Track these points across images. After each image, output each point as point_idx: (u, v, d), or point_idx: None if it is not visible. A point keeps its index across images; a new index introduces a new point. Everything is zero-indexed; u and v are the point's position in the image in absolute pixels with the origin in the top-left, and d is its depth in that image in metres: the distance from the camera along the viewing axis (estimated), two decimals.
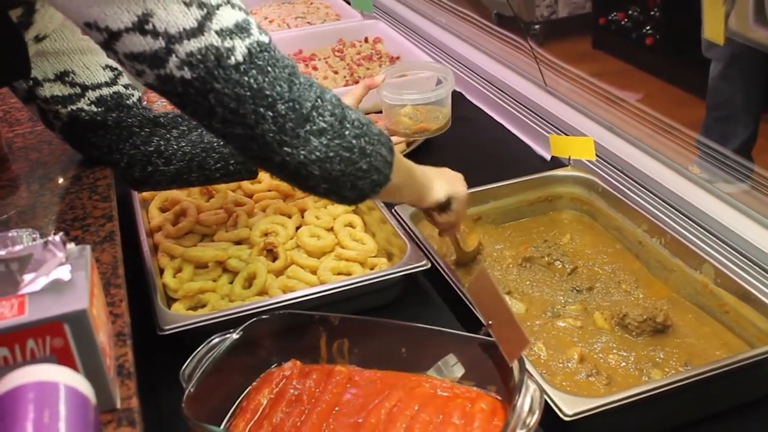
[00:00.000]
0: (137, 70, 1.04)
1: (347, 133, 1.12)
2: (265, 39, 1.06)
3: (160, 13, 0.99)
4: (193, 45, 1.00)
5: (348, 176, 1.14)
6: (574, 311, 1.43)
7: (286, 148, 1.07)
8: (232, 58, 1.02)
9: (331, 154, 1.10)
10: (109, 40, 1.01)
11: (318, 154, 1.09)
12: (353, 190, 1.17)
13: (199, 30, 1.00)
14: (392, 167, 1.21)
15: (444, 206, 1.44)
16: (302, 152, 1.08)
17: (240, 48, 1.02)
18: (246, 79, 1.03)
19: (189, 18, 1.00)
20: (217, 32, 1.01)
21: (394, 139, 1.79)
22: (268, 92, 1.04)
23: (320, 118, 1.08)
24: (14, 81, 1.34)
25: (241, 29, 1.03)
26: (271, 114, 1.05)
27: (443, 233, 1.54)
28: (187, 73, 1.01)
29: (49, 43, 1.33)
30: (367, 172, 1.16)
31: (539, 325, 1.41)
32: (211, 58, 1.01)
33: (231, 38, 1.02)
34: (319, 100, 1.09)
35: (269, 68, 1.04)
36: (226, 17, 1.02)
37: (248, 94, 1.03)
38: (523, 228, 1.71)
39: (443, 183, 1.43)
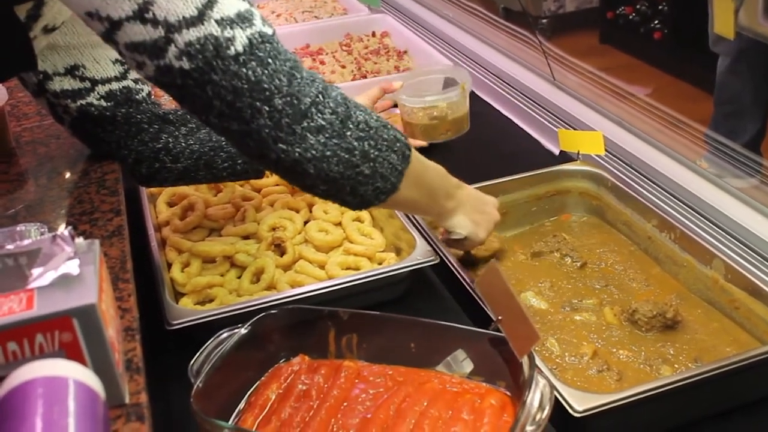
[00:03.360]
0: (138, 62, 1.03)
1: (349, 133, 1.09)
2: (268, 30, 1.04)
3: (160, 1, 0.97)
4: (192, 34, 0.99)
5: (347, 179, 1.11)
6: (592, 305, 1.43)
7: (281, 145, 1.05)
8: (232, 48, 1.00)
9: (328, 153, 1.07)
10: (111, 29, 1.01)
11: (314, 152, 1.06)
12: (354, 195, 1.15)
13: (199, 19, 0.99)
14: (402, 177, 1.17)
15: (458, 239, 1.43)
16: (297, 149, 1.06)
17: (240, 38, 1.01)
18: (244, 70, 1.01)
19: (189, 6, 0.98)
20: (217, 21, 1.00)
21: (411, 143, 1.78)
22: (266, 85, 1.02)
23: (319, 115, 1.06)
24: (19, 73, 1.33)
25: (242, 19, 1.02)
26: (267, 108, 1.03)
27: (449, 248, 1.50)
28: (185, 64, 1.00)
29: (59, 36, 1.33)
30: (370, 178, 1.13)
31: (557, 320, 1.40)
32: (210, 48, 0.99)
33: (231, 28, 1.00)
34: (320, 96, 1.07)
35: (269, 60, 1.03)
36: (228, 6, 1.01)
37: (245, 86, 1.01)
38: (532, 223, 1.71)
39: (466, 220, 1.40)
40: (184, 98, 1.06)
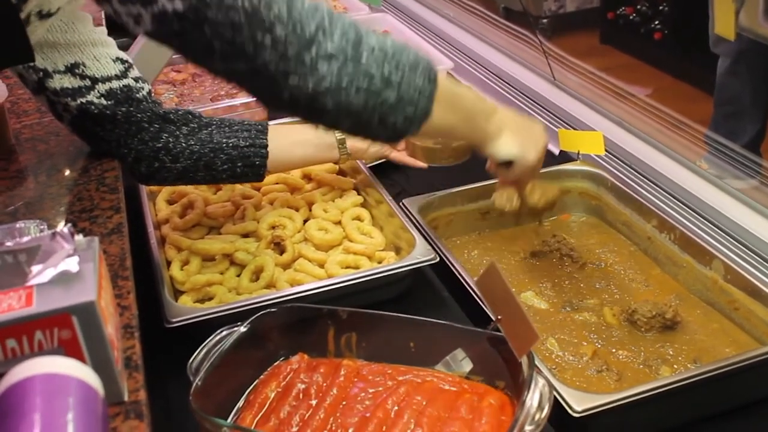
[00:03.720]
0: (134, 16, 0.99)
1: (364, 58, 1.01)
2: None
3: None
4: None
5: (372, 110, 1.04)
6: (592, 305, 1.43)
7: (292, 78, 0.99)
8: None
9: (345, 82, 1.00)
10: None
11: (328, 82, 1.00)
12: (384, 127, 1.07)
13: None
14: (432, 101, 1.09)
15: (506, 164, 1.32)
16: (310, 81, 0.99)
17: None
18: (240, 2, 0.96)
19: None
20: None
21: (411, 162, 1.75)
22: (263, 15, 0.97)
23: (327, 40, 0.99)
24: (15, 64, 1.31)
25: None
26: (269, 39, 0.97)
27: (502, 185, 1.43)
28: (178, 4, 0.96)
29: (60, 34, 1.32)
30: (397, 105, 1.05)
31: (557, 320, 1.40)
32: None
33: None
34: (326, 21, 1.00)
35: None
36: None
37: (243, 20, 0.97)
38: (532, 222, 1.71)
39: (512, 140, 1.27)
40: (186, 46, 1.02)
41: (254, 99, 1.11)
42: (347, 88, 1.01)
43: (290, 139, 1.54)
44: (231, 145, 1.42)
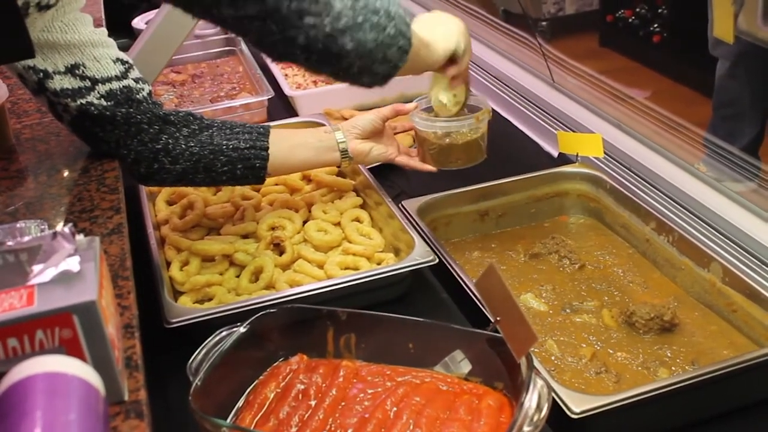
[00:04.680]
0: None
1: None
2: None
3: None
4: None
5: (380, 46, 1.05)
6: (592, 307, 1.44)
7: (308, 19, 0.97)
8: None
9: (360, 18, 1.00)
10: None
11: (345, 19, 0.98)
12: (384, 63, 1.09)
13: None
14: (410, 29, 1.12)
15: (454, 57, 1.38)
16: (326, 20, 0.98)
17: None
18: None
19: None
20: None
21: (420, 166, 1.76)
22: None
23: None
24: (14, 60, 1.31)
25: None
26: None
27: (454, 83, 1.49)
28: None
29: (60, 35, 1.32)
30: (395, 38, 1.07)
31: (557, 322, 1.41)
32: None
33: None
34: None
35: None
36: None
37: None
38: (531, 224, 1.71)
39: (443, 32, 1.33)
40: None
41: (262, 50, 1.09)
42: (362, 25, 1.00)
43: (291, 142, 1.53)
44: (231, 147, 1.42)
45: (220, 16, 1.01)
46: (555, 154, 1.95)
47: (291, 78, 2.37)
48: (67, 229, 0.85)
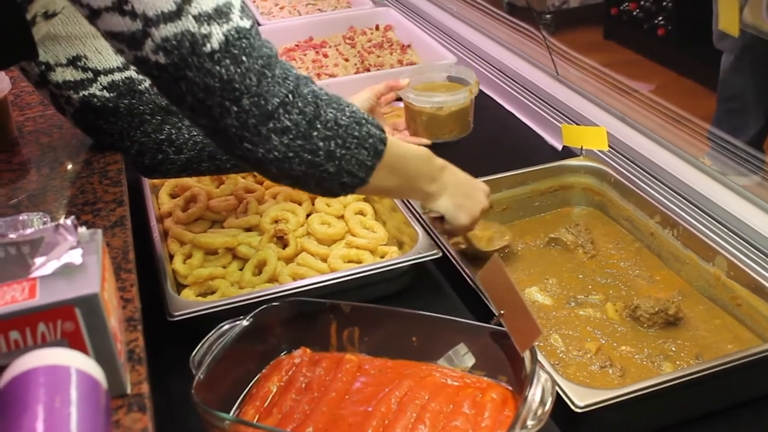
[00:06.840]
0: (117, 48, 1.04)
1: (315, 134, 1.09)
2: (245, 24, 1.04)
3: None
4: (169, 30, 0.99)
5: (311, 177, 1.12)
6: (597, 301, 1.43)
7: (246, 144, 1.07)
8: (208, 45, 1.00)
9: (291, 154, 1.08)
10: (91, 16, 1.02)
11: (276, 153, 1.07)
12: (320, 188, 1.17)
13: (177, 14, 0.99)
14: (372, 171, 1.17)
15: (440, 218, 1.42)
16: (260, 150, 1.07)
17: (217, 35, 1.01)
18: (218, 69, 1.01)
19: (168, 0, 0.98)
20: (195, 17, 0.99)
21: (415, 140, 1.77)
22: (237, 85, 1.02)
23: (286, 115, 1.06)
24: (20, 61, 1.32)
25: (220, 14, 1.01)
26: (235, 109, 1.04)
27: (447, 235, 1.49)
28: (161, 58, 1.00)
29: (61, 26, 1.32)
30: (335, 175, 1.14)
31: (562, 315, 1.40)
32: (186, 44, 0.99)
33: (209, 24, 1.00)
34: (290, 96, 1.07)
35: (243, 57, 1.03)
36: (207, 1, 1.01)
37: (217, 85, 1.02)
38: (535, 217, 1.71)
39: (447, 202, 1.38)
40: (160, 88, 1.08)
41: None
42: (291, 159, 1.09)
43: None
44: None
45: (181, 111, 1.11)
46: (559, 147, 1.95)
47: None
48: (69, 222, 0.85)
